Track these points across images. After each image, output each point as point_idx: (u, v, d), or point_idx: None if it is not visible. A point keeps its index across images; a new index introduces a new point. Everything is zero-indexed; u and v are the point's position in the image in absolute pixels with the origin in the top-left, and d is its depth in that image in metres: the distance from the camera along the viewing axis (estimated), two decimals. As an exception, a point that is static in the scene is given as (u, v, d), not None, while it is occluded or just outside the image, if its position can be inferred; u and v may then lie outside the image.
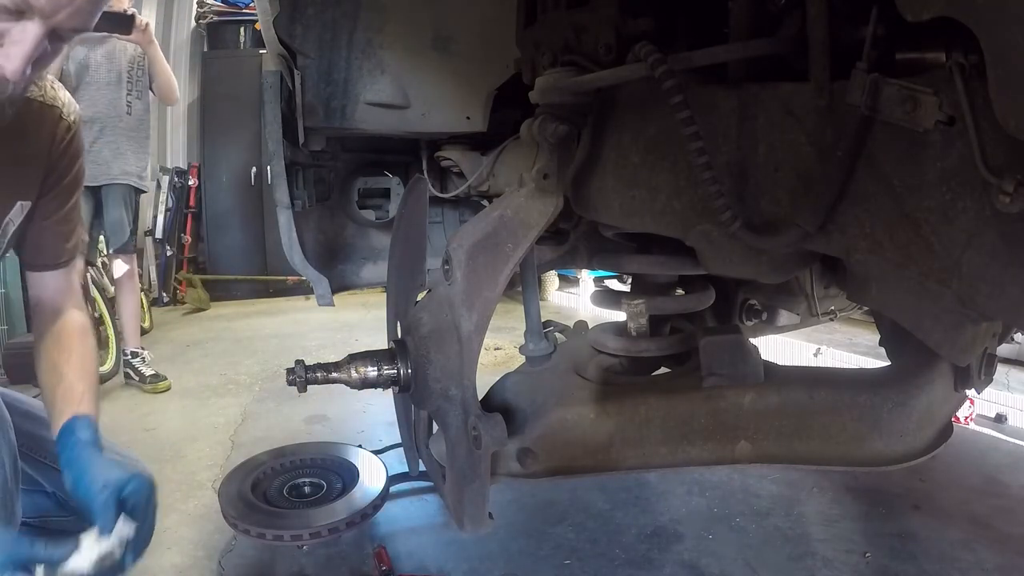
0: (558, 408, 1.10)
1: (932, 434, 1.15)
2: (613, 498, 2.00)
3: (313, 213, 1.85)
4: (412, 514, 1.94)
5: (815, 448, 1.13)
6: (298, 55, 1.46)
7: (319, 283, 1.68)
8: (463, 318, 0.96)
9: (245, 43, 5.68)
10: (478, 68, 1.53)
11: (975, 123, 0.60)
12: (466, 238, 0.97)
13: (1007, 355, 3.26)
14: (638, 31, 0.94)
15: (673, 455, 1.13)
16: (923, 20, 0.59)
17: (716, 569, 1.66)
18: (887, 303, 0.85)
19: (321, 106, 1.50)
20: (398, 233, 1.32)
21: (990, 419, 2.59)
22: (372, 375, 1.12)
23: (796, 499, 1.99)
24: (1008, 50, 0.53)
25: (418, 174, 1.80)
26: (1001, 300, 0.64)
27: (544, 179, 1.00)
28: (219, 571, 1.66)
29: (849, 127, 0.70)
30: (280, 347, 3.92)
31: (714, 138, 0.84)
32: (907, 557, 1.69)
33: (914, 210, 0.68)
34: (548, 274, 5.13)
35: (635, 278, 1.37)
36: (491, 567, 1.67)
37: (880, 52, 0.68)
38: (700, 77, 0.89)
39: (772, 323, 1.65)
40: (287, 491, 1.76)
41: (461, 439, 0.99)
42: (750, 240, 0.82)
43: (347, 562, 1.70)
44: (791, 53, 0.78)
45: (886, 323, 1.28)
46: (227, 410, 2.87)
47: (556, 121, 0.99)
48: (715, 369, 1.09)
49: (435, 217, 1.99)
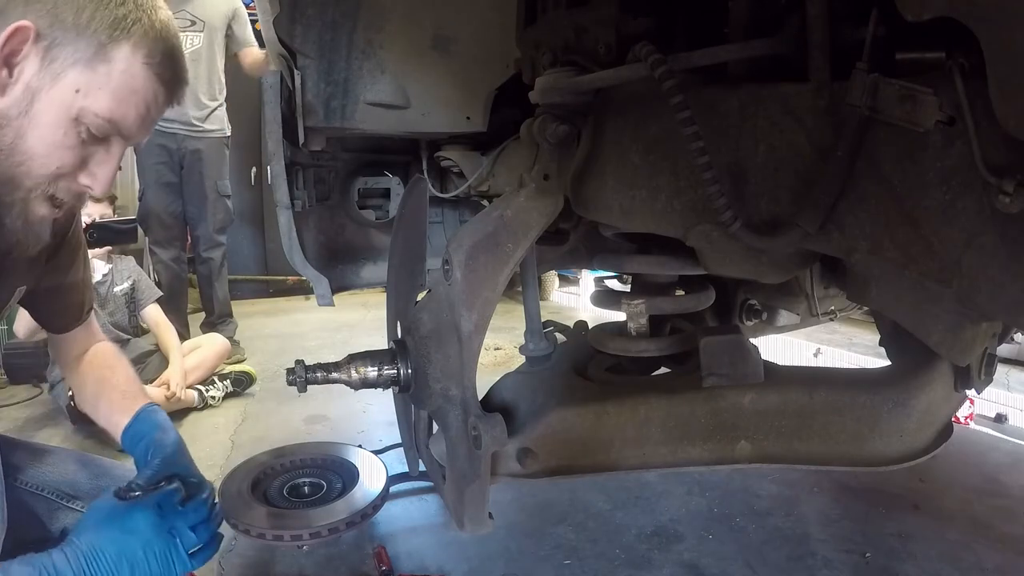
0: (558, 408, 1.10)
1: (932, 434, 1.15)
2: (613, 498, 2.00)
3: (313, 213, 1.85)
4: (412, 514, 1.94)
5: (815, 448, 1.13)
6: (298, 55, 1.46)
7: (319, 283, 1.68)
8: (463, 318, 0.96)
9: (245, 43, 5.69)
10: (478, 68, 1.53)
11: (975, 123, 0.60)
12: (466, 238, 0.97)
13: (1007, 355, 3.26)
14: (638, 31, 0.94)
15: (673, 455, 1.13)
16: (923, 20, 0.59)
17: (716, 569, 1.66)
18: (887, 303, 0.86)
19: (321, 106, 1.50)
20: (398, 233, 1.32)
21: (990, 419, 2.59)
22: (372, 375, 1.12)
23: (796, 499, 1.99)
24: (1008, 50, 0.54)
25: (418, 174, 1.80)
26: (1001, 300, 0.64)
27: (544, 179, 1.00)
28: (219, 571, 1.66)
29: (849, 127, 0.70)
30: (280, 347, 3.92)
31: (714, 138, 0.84)
32: (907, 557, 1.69)
33: (914, 210, 0.68)
34: (548, 274, 5.13)
35: (635, 278, 1.37)
36: (491, 567, 1.67)
37: (880, 52, 0.68)
38: (700, 77, 0.89)
39: (772, 323, 1.65)
40: (287, 491, 1.76)
41: (461, 439, 0.99)
42: (750, 240, 0.82)
43: (347, 562, 1.69)
44: (791, 53, 0.78)
45: (886, 323, 1.28)
46: (227, 410, 2.86)
47: (556, 121, 0.99)
48: (715, 369, 1.09)
49: (435, 217, 1.99)
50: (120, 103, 0.86)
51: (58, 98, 0.82)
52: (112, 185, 0.95)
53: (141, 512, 0.93)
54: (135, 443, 1.15)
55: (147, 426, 1.16)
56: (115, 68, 0.84)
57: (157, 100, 0.91)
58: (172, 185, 3.51)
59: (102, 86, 0.84)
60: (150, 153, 3.41)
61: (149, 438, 1.14)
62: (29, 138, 0.83)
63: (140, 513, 0.93)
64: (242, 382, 3.06)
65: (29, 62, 0.80)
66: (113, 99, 0.85)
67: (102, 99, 0.84)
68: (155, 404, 1.22)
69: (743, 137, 0.83)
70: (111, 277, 2.98)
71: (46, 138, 0.84)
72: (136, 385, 1.26)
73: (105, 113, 0.85)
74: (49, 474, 1.17)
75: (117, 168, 0.92)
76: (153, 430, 1.15)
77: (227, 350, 3.18)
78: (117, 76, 0.84)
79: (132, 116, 0.88)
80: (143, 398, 1.22)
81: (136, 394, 1.23)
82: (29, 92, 0.81)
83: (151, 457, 1.10)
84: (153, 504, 0.94)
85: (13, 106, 0.81)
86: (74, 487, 1.17)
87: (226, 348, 3.16)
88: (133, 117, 0.88)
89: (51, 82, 0.82)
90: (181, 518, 0.95)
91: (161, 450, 1.11)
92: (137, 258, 3.44)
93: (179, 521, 0.95)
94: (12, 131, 0.82)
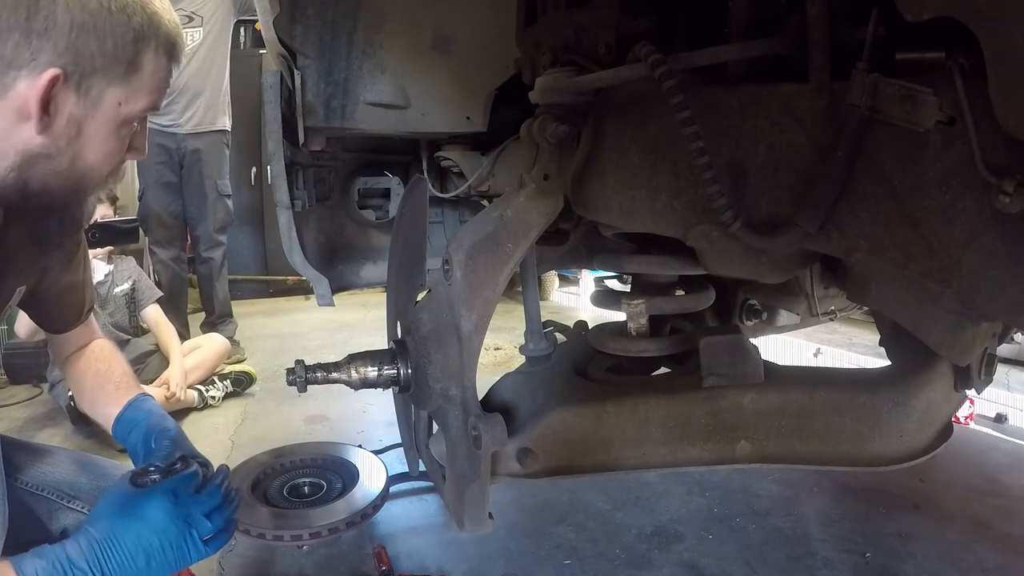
0: (558, 408, 1.10)
1: (932, 434, 1.15)
2: (613, 498, 2.00)
3: (313, 213, 1.85)
4: (412, 514, 1.94)
5: (815, 448, 1.13)
6: (298, 55, 1.46)
7: (319, 283, 1.68)
8: (463, 318, 0.96)
9: (245, 43, 5.68)
10: (478, 68, 1.53)
11: (975, 123, 0.60)
12: (466, 238, 0.97)
13: (1007, 355, 3.26)
14: (638, 31, 0.94)
15: (673, 455, 1.13)
16: (923, 20, 0.59)
17: (716, 569, 1.66)
18: (887, 303, 0.86)
19: (321, 106, 1.50)
20: (398, 233, 1.32)
21: (990, 419, 2.59)
22: (372, 375, 1.12)
23: (796, 499, 1.99)
24: (1008, 50, 0.54)
25: (418, 174, 1.80)
26: (1001, 300, 0.64)
27: (544, 179, 1.00)
28: (219, 571, 1.66)
29: (849, 127, 0.70)
30: (280, 347, 3.92)
31: (714, 138, 0.84)
32: (907, 557, 1.69)
33: (914, 210, 0.68)
34: (548, 274, 5.13)
35: (635, 278, 1.37)
36: (491, 567, 1.67)
37: (880, 52, 0.68)
38: (700, 77, 0.89)
39: (772, 323, 1.65)
40: (287, 491, 1.76)
41: (461, 439, 0.99)
42: (750, 240, 0.82)
43: (347, 562, 1.69)
44: (791, 53, 0.78)
45: (886, 323, 1.28)
46: (227, 410, 2.87)
47: (556, 121, 0.99)
48: (715, 369, 1.09)
49: (435, 217, 1.99)
50: (153, 95, 0.95)
51: (103, 117, 0.89)
52: None
53: (157, 500, 0.92)
54: (127, 432, 1.14)
55: (140, 414, 1.15)
56: (145, 72, 0.91)
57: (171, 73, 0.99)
58: (172, 185, 3.51)
59: (138, 90, 0.91)
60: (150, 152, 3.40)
61: (144, 425, 1.12)
62: (86, 156, 0.90)
63: (155, 501, 0.92)
64: (242, 382, 3.06)
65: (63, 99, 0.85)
66: (149, 95, 0.94)
67: (141, 100, 0.92)
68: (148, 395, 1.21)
69: (743, 137, 0.83)
70: (112, 277, 2.98)
71: (102, 150, 0.92)
72: (130, 379, 1.24)
73: (145, 109, 0.94)
74: (49, 474, 1.17)
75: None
76: (147, 417, 1.14)
77: (227, 350, 3.17)
78: (148, 78, 0.92)
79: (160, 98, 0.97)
80: (136, 390, 1.21)
81: (129, 386, 1.21)
82: (74, 122, 0.87)
83: (158, 440, 1.09)
84: (168, 491, 0.93)
85: (60, 137, 0.87)
86: (74, 487, 1.17)
87: (226, 348, 3.16)
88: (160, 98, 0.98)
89: (93, 107, 0.88)
90: (196, 505, 0.94)
91: (167, 434, 1.10)
92: (137, 258, 3.43)
93: (195, 508, 0.94)
94: (67, 157, 0.89)
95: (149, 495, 0.93)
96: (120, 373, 1.24)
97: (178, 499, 0.93)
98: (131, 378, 1.25)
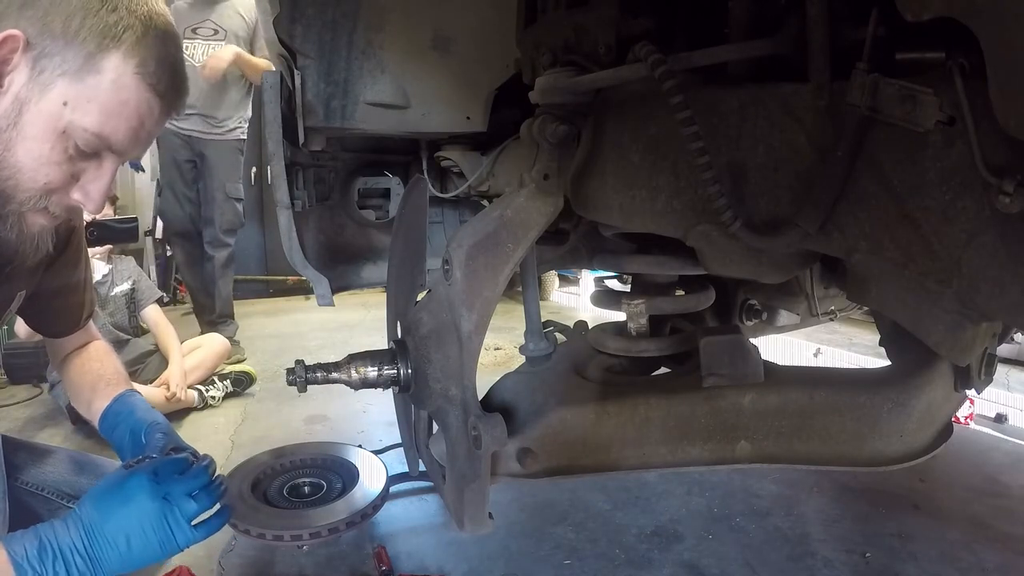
0: (558, 408, 1.11)
1: (932, 434, 1.15)
2: (613, 498, 2.00)
3: (313, 213, 1.85)
4: (412, 514, 1.94)
5: (815, 448, 1.13)
6: (298, 55, 1.46)
7: (319, 283, 1.68)
8: (463, 318, 0.96)
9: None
10: (478, 68, 1.53)
11: (975, 123, 0.60)
12: (466, 238, 0.97)
13: (1007, 355, 3.26)
14: (638, 31, 0.94)
15: (673, 455, 1.13)
16: (923, 20, 0.59)
17: (716, 569, 1.66)
18: (887, 303, 0.85)
19: (321, 106, 1.50)
20: (398, 233, 1.32)
21: (990, 419, 2.59)
22: (372, 375, 1.12)
23: (796, 499, 1.99)
24: (1008, 50, 0.53)
25: (418, 174, 1.80)
26: (1001, 300, 0.64)
27: (544, 179, 1.00)
28: (219, 571, 1.66)
29: (849, 127, 0.70)
30: (280, 347, 3.92)
31: (714, 138, 0.84)
32: (907, 557, 1.69)
33: (914, 210, 0.68)
34: (548, 274, 5.13)
35: (635, 278, 1.37)
36: (491, 567, 1.67)
37: (880, 52, 0.68)
38: (700, 77, 0.89)
39: (772, 323, 1.65)
40: (287, 491, 1.76)
41: (461, 439, 0.99)
42: (750, 240, 0.82)
43: (347, 562, 1.70)
44: (791, 53, 0.78)
45: (886, 323, 1.28)
46: (227, 410, 2.87)
47: (556, 121, 0.99)
48: (715, 369, 1.09)
49: (435, 217, 1.99)
50: (110, 116, 0.81)
51: (45, 111, 0.79)
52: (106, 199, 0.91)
53: (136, 479, 0.89)
54: (113, 426, 1.13)
55: (127, 408, 1.14)
56: (104, 79, 0.79)
57: (152, 112, 0.85)
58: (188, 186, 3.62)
59: (91, 99, 0.79)
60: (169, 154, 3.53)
61: (132, 419, 1.11)
62: (18, 151, 0.80)
63: (134, 480, 0.89)
64: (242, 382, 3.06)
65: (19, 72, 0.77)
66: (102, 112, 0.81)
67: (91, 112, 0.80)
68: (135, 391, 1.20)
69: (743, 137, 0.83)
70: (111, 278, 2.98)
71: (33, 152, 0.80)
72: (121, 377, 1.23)
73: (94, 127, 0.81)
74: (49, 474, 1.17)
75: (110, 184, 0.88)
76: (134, 411, 1.13)
77: (227, 350, 3.18)
78: (106, 87, 0.80)
79: (123, 130, 0.83)
80: (125, 386, 1.20)
81: (119, 383, 1.20)
82: (18, 103, 0.78)
83: (150, 433, 1.08)
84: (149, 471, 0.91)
85: (2, 117, 0.78)
86: (74, 487, 1.17)
87: (226, 348, 3.16)
88: (124, 131, 0.83)
89: (39, 94, 0.78)
90: (178, 484, 0.91)
91: (158, 427, 1.10)
92: (137, 258, 3.44)
93: (176, 487, 0.90)
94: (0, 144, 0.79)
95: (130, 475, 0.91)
96: (112, 372, 1.23)
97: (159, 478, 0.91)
98: (122, 376, 1.24)
